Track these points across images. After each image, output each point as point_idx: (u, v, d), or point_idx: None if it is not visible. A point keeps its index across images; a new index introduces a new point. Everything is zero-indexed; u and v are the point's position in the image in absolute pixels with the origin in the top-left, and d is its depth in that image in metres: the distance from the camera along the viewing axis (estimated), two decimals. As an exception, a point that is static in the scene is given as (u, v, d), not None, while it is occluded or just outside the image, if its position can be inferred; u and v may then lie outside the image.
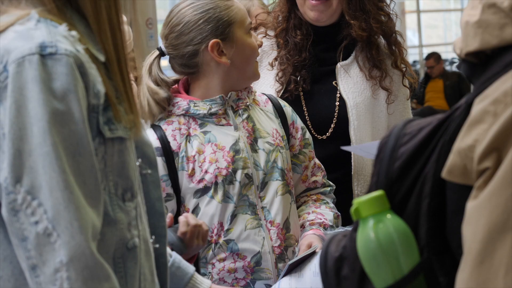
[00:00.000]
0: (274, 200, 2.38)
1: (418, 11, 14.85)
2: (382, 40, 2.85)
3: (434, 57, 11.38)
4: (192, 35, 2.34)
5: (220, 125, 2.39)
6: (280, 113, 2.49)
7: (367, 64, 2.80)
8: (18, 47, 1.39)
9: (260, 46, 2.45)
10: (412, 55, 19.45)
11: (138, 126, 1.51)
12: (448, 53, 17.75)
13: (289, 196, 2.42)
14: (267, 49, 2.86)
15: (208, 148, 2.37)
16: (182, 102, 2.40)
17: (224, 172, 2.36)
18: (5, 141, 1.37)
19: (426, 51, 15.67)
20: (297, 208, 2.51)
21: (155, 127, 2.41)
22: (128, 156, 1.50)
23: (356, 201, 1.32)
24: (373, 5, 2.78)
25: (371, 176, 1.39)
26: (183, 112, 2.40)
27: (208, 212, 2.37)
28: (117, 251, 1.47)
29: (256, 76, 2.45)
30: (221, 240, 2.37)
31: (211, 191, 2.36)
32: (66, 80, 1.37)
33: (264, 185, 2.38)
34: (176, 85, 2.46)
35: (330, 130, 2.80)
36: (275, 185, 2.39)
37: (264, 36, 2.85)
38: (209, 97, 2.39)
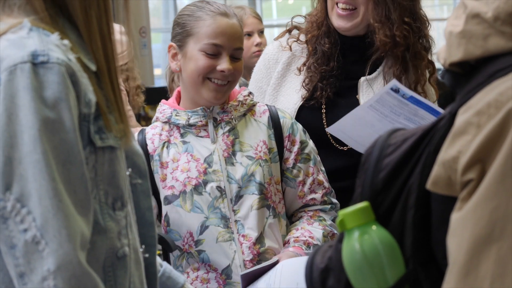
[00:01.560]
0: (248, 214, 2.37)
1: (412, 20, 14.88)
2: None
3: (427, 66, 11.39)
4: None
5: (199, 136, 2.42)
6: (275, 124, 2.47)
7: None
8: (10, 55, 1.39)
9: (227, 72, 2.39)
10: (406, 64, 19.48)
11: (128, 135, 1.51)
12: (436, 54, 17.78)
13: (266, 210, 2.40)
14: (298, 54, 2.84)
15: (183, 157, 2.41)
16: (167, 110, 2.46)
17: (193, 182, 2.38)
18: None
19: (419, 60, 15.67)
20: (292, 223, 2.50)
21: (141, 130, 2.49)
22: (118, 166, 1.50)
23: (341, 213, 1.32)
24: (399, 16, 2.74)
25: (356, 187, 1.38)
26: (166, 119, 2.45)
27: (176, 220, 2.40)
28: (107, 259, 1.47)
29: (208, 98, 2.40)
30: (192, 250, 2.39)
31: (179, 199, 2.39)
32: (58, 88, 1.38)
33: (238, 198, 2.38)
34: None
35: None
36: (251, 199, 2.38)
37: (296, 41, 2.84)
38: (194, 107, 2.43)
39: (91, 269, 1.38)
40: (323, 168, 2.53)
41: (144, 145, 2.43)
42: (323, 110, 2.77)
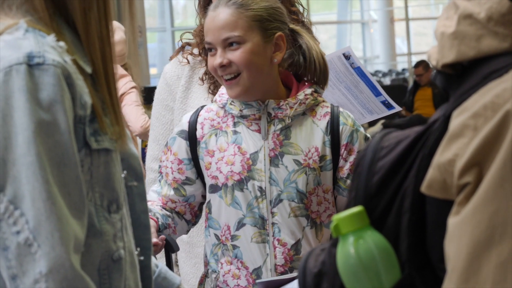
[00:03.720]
0: (286, 219, 2.32)
1: (407, 19, 14.92)
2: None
3: (423, 65, 11.41)
4: None
5: (251, 129, 2.35)
6: (333, 130, 2.35)
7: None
8: (6, 57, 1.39)
9: (217, 66, 2.34)
10: (401, 63, 19.53)
11: (123, 138, 1.51)
12: (427, 54, 17.79)
13: (305, 220, 2.33)
14: (197, 66, 2.90)
15: (231, 149, 2.35)
16: (224, 95, 2.39)
17: (236, 177, 2.33)
18: None
19: (415, 59, 15.73)
20: None
21: (196, 110, 2.42)
22: (114, 168, 1.49)
23: (336, 218, 1.31)
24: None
25: (349, 191, 1.37)
26: (221, 105, 2.39)
27: (216, 211, 2.37)
28: (103, 262, 1.47)
29: (229, 96, 2.36)
30: (228, 243, 2.36)
31: (221, 191, 2.35)
32: (53, 90, 1.37)
33: (278, 202, 2.32)
34: None
35: None
36: (290, 205, 2.32)
37: (190, 54, 2.89)
38: (251, 99, 2.34)
39: (85, 272, 1.38)
40: None
41: (193, 129, 2.38)
42: None
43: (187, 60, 2.89)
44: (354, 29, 20.74)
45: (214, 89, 2.81)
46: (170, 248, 2.38)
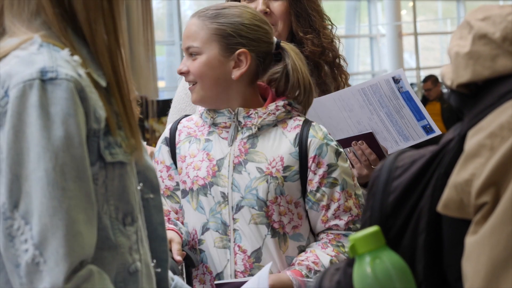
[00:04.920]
0: (246, 226, 2.33)
1: (416, 34, 14.92)
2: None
3: (431, 79, 11.39)
4: None
5: (221, 137, 2.38)
6: (302, 142, 2.35)
7: (317, 89, 2.79)
8: (19, 72, 1.40)
9: (178, 73, 2.40)
10: (409, 78, 19.52)
11: (139, 150, 1.51)
12: (440, 73, 17.76)
13: (265, 229, 2.33)
14: None
15: (200, 155, 2.38)
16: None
17: (201, 182, 2.36)
18: (3, 166, 1.38)
19: (423, 74, 15.73)
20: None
21: (179, 118, 2.48)
22: (128, 181, 1.50)
23: (352, 238, 1.30)
24: (321, 26, 2.82)
25: (364, 211, 1.37)
26: (200, 115, 2.43)
27: (186, 214, 2.40)
28: (119, 275, 1.47)
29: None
30: (196, 247, 2.38)
31: (188, 195, 2.38)
32: (66, 104, 1.38)
33: (239, 208, 2.34)
34: None
35: None
36: (250, 212, 2.33)
37: None
38: (212, 107, 2.39)
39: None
40: (359, 193, 2.42)
41: (173, 136, 2.44)
42: None
43: None
44: (362, 43, 20.76)
45: None
46: (191, 263, 2.39)
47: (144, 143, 1.64)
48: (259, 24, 2.38)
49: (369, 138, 2.73)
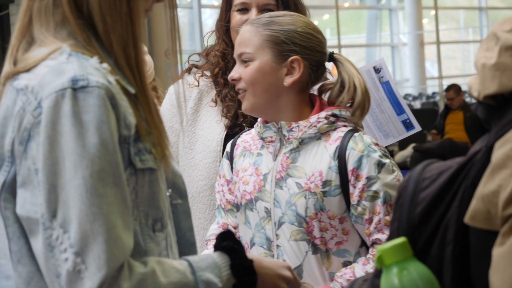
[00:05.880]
0: (287, 243, 2.30)
1: (438, 43, 14.86)
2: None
3: (454, 88, 11.36)
4: None
5: (268, 151, 2.36)
6: (341, 156, 2.28)
7: None
8: (51, 83, 1.41)
9: (230, 80, 2.39)
10: (432, 87, 19.46)
11: (167, 157, 1.52)
12: (467, 85, 17.66)
13: (305, 245, 2.28)
14: (205, 88, 2.88)
15: (250, 169, 2.37)
16: (259, 119, 2.42)
17: (247, 196, 2.34)
18: (39, 177, 1.40)
19: (445, 83, 15.67)
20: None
21: (240, 133, 2.48)
22: (158, 187, 1.51)
23: (379, 249, 1.31)
24: None
25: (391, 222, 1.37)
26: (254, 127, 2.43)
27: (239, 228, 2.39)
28: None
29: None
30: None
31: (240, 210, 2.38)
32: (99, 111, 1.40)
33: (281, 224, 2.31)
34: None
35: None
36: (290, 228, 2.29)
37: (201, 76, 2.88)
38: (262, 116, 2.38)
39: None
40: None
41: (232, 150, 2.44)
42: None
43: (198, 82, 2.87)
44: (383, 52, 20.71)
45: (227, 112, 2.80)
46: None
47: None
48: (313, 32, 2.36)
49: None
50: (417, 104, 16.71)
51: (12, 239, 1.47)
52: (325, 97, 2.41)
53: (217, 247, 1.57)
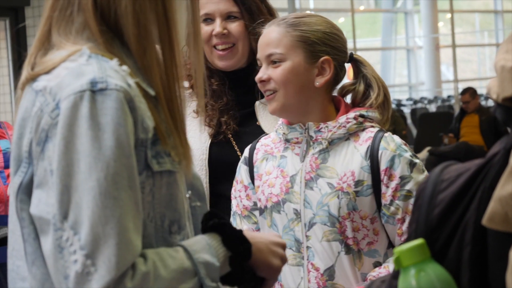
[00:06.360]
0: (319, 244, 2.29)
1: (454, 46, 14.82)
2: None
3: (469, 92, 11.33)
4: None
5: (294, 152, 2.36)
6: (373, 155, 2.29)
7: None
8: (70, 84, 1.42)
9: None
10: (446, 90, 19.41)
11: (188, 160, 1.53)
12: (483, 88, 17.61)
13: (338, 245, 2.28)
14: (187, 99, 2.90)
15: (275, 172, 2.36)
16: (280, 121, 2.42)
17: (274, 199, 2.34)
18: (53, 178, 1.40)
19: (460, 86, 15.64)
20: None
21: (258, 138, 2.48)
22: (177, 189, 1.51)
23: (397, 250, 1.31)
24: None
25: (409, 224, 1.38)
26: (275, 131, 2.43)
27: (264, 232, 2.38)
28: None
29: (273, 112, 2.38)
30: None
31: (264, 213, 2.36)
32: (116, 114, 1.40)
33: (312, 225, 2.30)
34: None
35: None
36: (322, 229, 2.28)
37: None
38: (289, 117, 2.37)
39: None
40: None
41: (251, 155, 2.44)
42: (233, 142, 2.83)
43: None
44: (398, 55, 20.67)
45: (210, 121, 2.83)
46: None
47: None
48: (338, 33, 2.37)
49: None
50: (432, 108, 16.68)
51: (27, 241, 1.47)
52: (344, 97, 2.41)
53: (205, 229, 1.57)
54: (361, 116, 2.34)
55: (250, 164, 2.43)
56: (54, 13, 1.53)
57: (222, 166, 2.73)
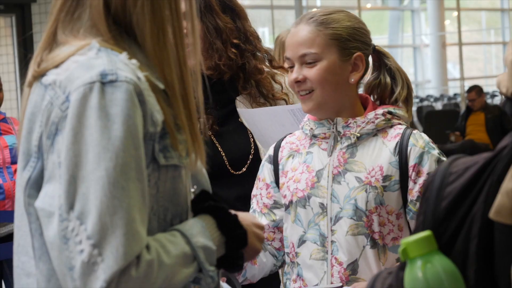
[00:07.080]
0: (344, 237, 2.29)
1: (460, 44, 14.80)
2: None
3: (475, 90, 11.32)
4: None
5: (321, 148, 2.36)
6: (402, 151, 2.30)
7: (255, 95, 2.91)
8: (80, 77, 1.42)
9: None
10: (452, 88, 19.39)
11: (200, 154, 1.53)
12: (489, 86, 17.59)
13: (364, 239, 2.28)
14: None
15: (300, 168, 2.36)
16: (305, 118, 2.42)
17: (300, 194, 2.34)
18: (60, 169, 1.40)
19: (466, 84, 15.61)
20: None
21: (284, 136, 2.48)
22: (181, 184, 1.52)
23: (404, 242, 1.32)
24: (224, 43, 2.87)
25: (417, 216, 1.38)
26: (301, 128, 2.43)
27: (286, 229, 2.39)
28: None
29: (301, 105, 2.37)
30: (295, 261, 2.36)
31: (289, 209, 2.37)
32: (126, 105, 1.40)
33: (337, 219, 2.30)
34: None
35: (246, 165, 2.89)
36: (348, 222, 2.28)
37: None
38: (323, 116, 2.36)
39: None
40: None
41: (276, 153, 2.43)
42: (216, 142, 2.86)
43: None
44: (405, 53, 20.65)
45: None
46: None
47: None
48: (364, 27, 2.37)
49: None
50: (438, 105, 16.66)
51: (35, 236, 1.48)
52: (371, 95, 2.42)
53: (200, 209, 1.58)
54: (389, 113, 2.35)
55: (275, 162, 2.43)
56: (61, 14, 1.53)
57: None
